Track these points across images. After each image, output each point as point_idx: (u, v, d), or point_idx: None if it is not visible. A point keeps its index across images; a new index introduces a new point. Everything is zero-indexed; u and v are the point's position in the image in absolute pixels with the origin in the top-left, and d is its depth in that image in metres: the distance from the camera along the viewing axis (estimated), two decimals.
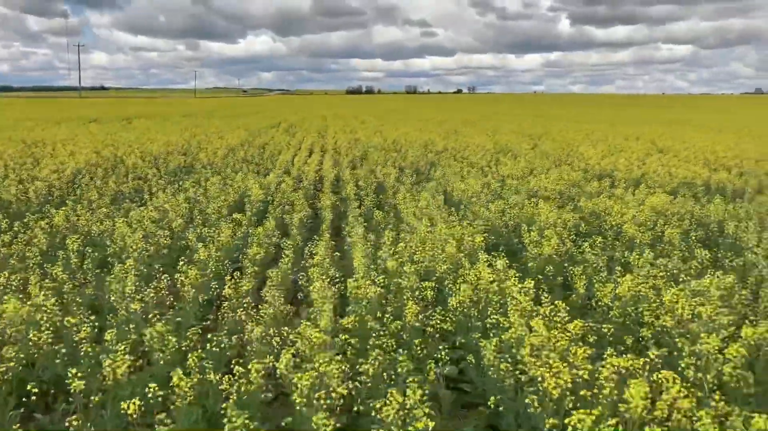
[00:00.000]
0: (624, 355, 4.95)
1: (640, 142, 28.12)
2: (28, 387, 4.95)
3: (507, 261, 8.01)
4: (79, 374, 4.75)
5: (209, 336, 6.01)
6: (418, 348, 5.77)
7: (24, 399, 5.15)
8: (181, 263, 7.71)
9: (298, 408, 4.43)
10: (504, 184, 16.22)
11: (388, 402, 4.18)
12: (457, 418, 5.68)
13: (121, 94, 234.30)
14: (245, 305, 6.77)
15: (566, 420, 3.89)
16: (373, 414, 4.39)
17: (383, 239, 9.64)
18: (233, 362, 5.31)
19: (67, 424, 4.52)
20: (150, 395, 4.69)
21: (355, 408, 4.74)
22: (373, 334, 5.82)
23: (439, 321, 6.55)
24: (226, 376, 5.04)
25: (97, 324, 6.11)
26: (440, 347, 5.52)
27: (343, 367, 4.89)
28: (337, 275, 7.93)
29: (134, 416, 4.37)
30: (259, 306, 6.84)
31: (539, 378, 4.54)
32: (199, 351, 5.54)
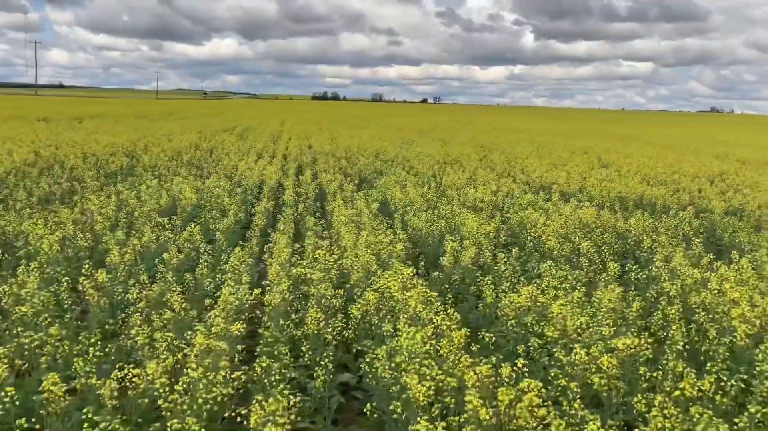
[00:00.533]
0: (515, 364, 5.11)
1: (587, 155, 28.75)
2: None
3: (414, 271, 8.13)
4: None
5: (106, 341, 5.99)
6: (307, 355, 5.83)
7: None
8: (86, 266, 7.62)
9: (166, 414, 4.45)
10: (443, 194, 16.45)
11: (253, 408, 4.23)
12: (342, 424, 5.75)
13: (80, 92, 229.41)
14: (147, 310, 6.75)
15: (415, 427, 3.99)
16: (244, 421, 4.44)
17: (306, 246, 9.71)
18: (120, 367, 5.29)
19: None
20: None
21: (227, 414, 4.77)
22: (263, 341, 5.86)
23: (339, 329, 6.64)
24: (108, 381, 5.02)
25: None
26: (326, 354, 5.57)
27: (223, 374, 4.91)
28: (253, 281, 7.97)
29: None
30: (161, 311, 6.81)
31: (407, 385, 4.64)
32: (90, 355, 5.51)
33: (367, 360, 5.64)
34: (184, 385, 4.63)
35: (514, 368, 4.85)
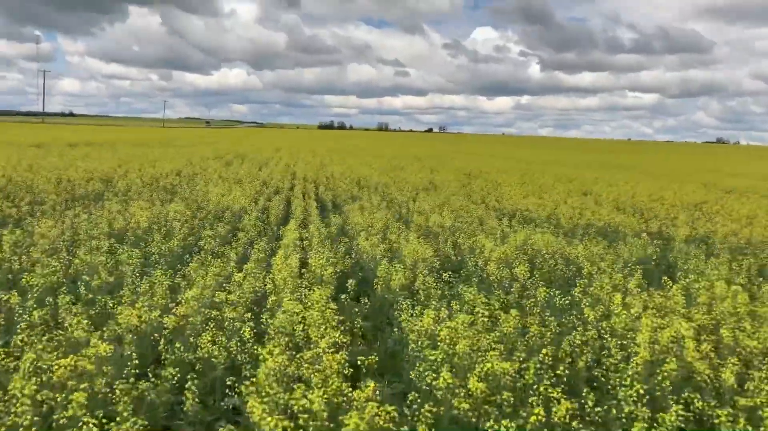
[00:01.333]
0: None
1: (571, 184, 28.60)
2: None
3: (331, 294, 8.00)
4: None
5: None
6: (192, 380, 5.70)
7: None
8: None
9: None
10: (408, 219, 16.39)
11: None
12: None
13: (89, 121, 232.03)
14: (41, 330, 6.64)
15: None
16: None
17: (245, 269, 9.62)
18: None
19: None
20: None
21: None
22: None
23: (233, 353, 6.52)
24: None
25: None
26: (192, 376, 5.43)
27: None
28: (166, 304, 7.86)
29: None
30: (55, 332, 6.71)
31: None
32: None
33: (246, 383, 5.50)
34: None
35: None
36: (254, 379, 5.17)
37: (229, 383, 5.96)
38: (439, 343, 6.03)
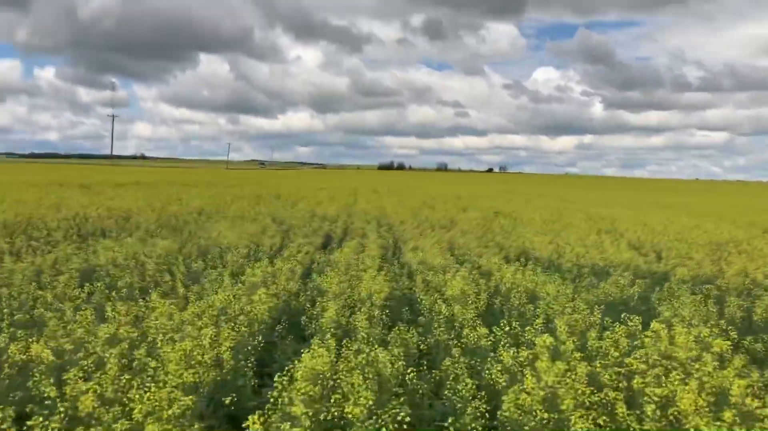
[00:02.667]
0: None
1: (594, 222, 27.55)
2: None
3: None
4: None
5: None
6: None
7: None
8: None
9: None
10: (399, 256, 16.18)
11: None
12: None
13: (156, 163, 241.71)
14: None
15: None
16: None
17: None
18: None
19: None
20: None
21: None
22: None
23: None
24: None
25: None
26: None
27: None
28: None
29: None
30: None
31: None
32: None
33: None
34: None
35: None
36: None
37: None
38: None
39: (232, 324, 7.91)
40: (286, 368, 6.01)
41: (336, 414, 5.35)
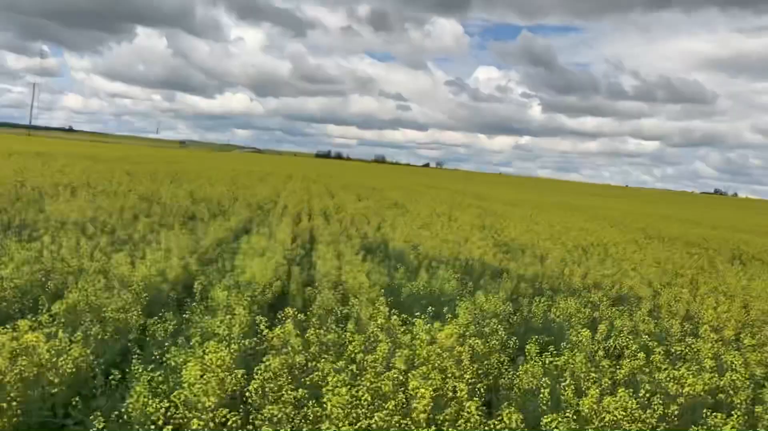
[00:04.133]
0: None
1: (480, 218, 27.66)
2: None
3: None
4: None
5: None
6: None
7: None
8: None
9: None
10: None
11: None
12: None
13: (82, 137, 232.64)
14: None
15: None
16: None
17: None
18: None
19: None
20: None
21: None
22: None
23: None
24: None
25: None
26: None
27: None
28: None
29: None
30: None
31: None
32: None
33: None
34: None
35: None
36: None
37: None
38: None
39: None
40: None
41: None
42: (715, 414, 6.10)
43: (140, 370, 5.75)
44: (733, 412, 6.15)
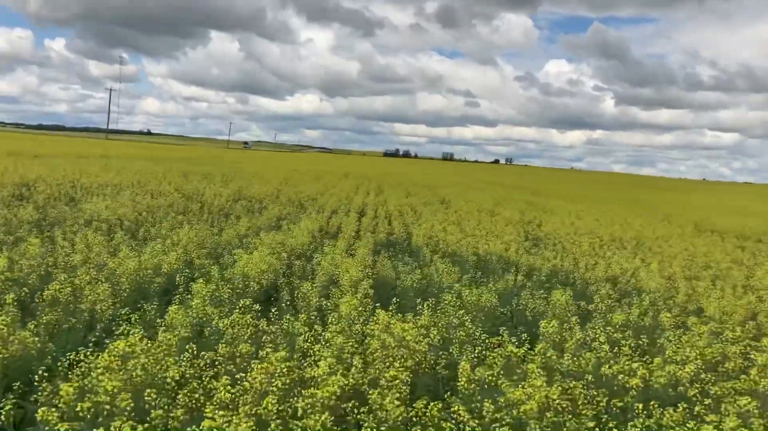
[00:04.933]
0: None
1: (522, 212, 27.20)
2: None
3: None
4: None
5: None
6: None
7: None
8: None
9: None
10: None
11: None
12: None
13: (158, 139, 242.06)
14: None
15: None
16: None
17: None
18: None
19: None
20: None
21: None
22: None
23: None
24: None
25: None
26: None
27: None
28: None
29: None
30: None
31: None
32: None
33: None
34: None
35: None
36: None
37: None
38: None
39: None
40: None
41: None
42: (651, 407, 5.87)
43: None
44: (679, 405, 5.92)
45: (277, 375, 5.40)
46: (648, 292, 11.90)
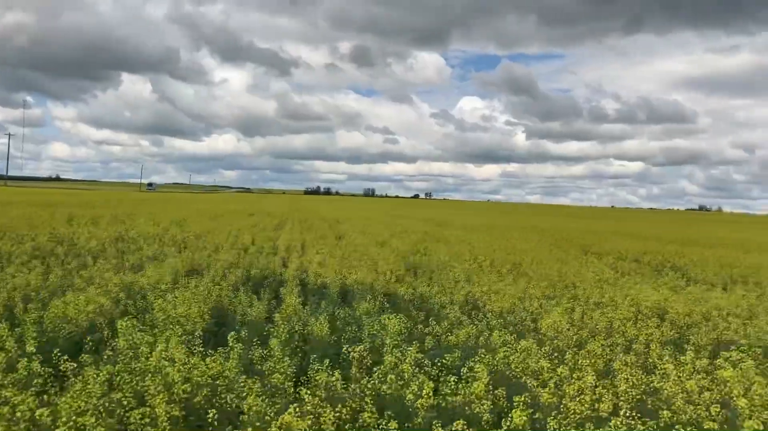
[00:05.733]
0: None
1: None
2: None
3: None
4: None
5: None
6: None
7: None
8: None
9: None
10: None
11: None
12: None
13: (64, 185, 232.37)
14: None
15: None
16: None
17: None
18: None
19: None
20: None
21: None
22: None
23: None
24: None
25: None
26: None
27: None
28: None
29: None
30: None
31: None
32: None
33: None
34: None
35: None
36: None
37: None
38: None
39: None
40: None
41: None
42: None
43: None
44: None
45: None
46: (493, 313, 11.95)
